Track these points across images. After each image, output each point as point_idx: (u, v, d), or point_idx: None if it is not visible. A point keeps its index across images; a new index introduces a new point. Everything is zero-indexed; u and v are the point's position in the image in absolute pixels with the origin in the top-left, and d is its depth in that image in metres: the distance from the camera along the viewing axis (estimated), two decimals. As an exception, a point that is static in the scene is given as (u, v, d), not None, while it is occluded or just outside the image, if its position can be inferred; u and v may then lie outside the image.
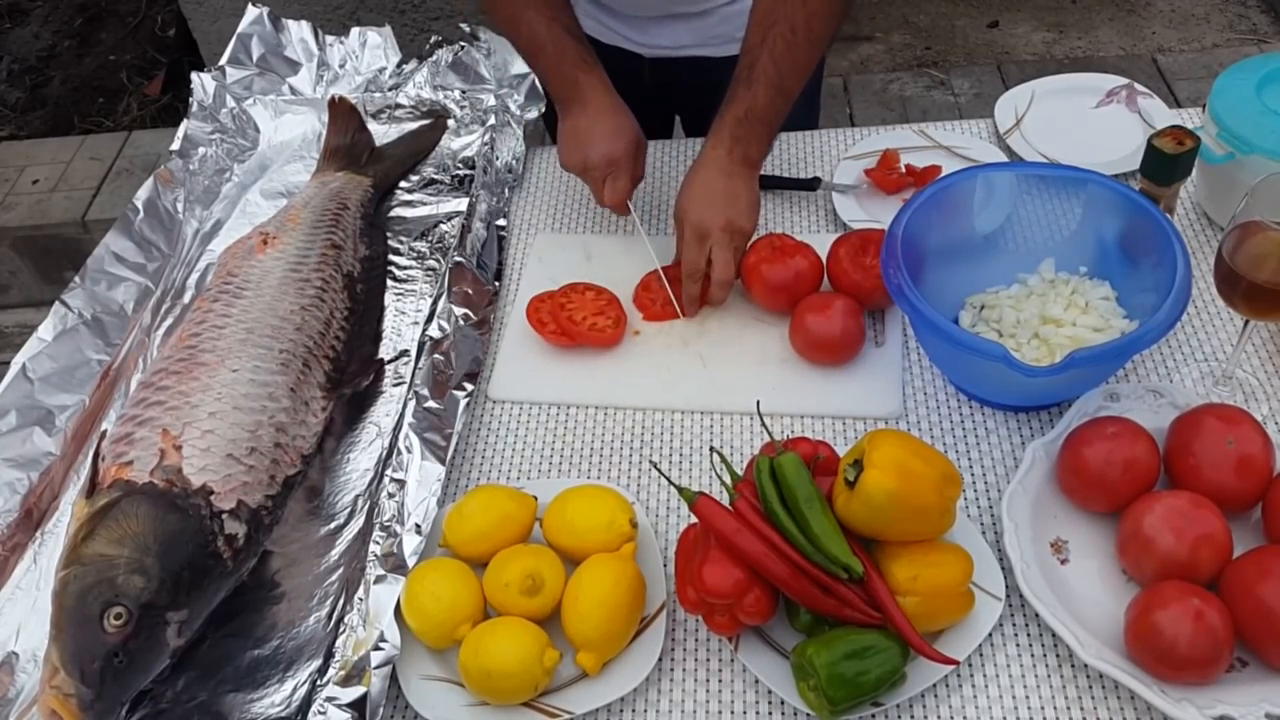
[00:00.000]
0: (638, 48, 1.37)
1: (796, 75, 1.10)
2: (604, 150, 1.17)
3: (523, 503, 0.96)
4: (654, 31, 1.34)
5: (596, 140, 1.17)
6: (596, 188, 1.20)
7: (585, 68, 1.18)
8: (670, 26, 1.33)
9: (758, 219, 1.14)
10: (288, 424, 1.02)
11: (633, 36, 1.36)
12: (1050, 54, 2.95)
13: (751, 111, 1.10)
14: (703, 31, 1.33)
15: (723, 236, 1.10)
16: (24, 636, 0.95)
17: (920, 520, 0.84)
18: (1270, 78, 1.12)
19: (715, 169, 1.12)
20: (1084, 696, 0.85)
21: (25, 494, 1.04)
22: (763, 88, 1.08)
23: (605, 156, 1.17)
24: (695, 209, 1.11)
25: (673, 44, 1.35)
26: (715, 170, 1.12)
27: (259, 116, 1.47)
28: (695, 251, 1.12)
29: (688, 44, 1.34)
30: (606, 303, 1.16)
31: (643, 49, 1.37)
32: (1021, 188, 1.08)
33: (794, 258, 1.12)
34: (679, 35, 1.33)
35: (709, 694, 0.88)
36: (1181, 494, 0.87)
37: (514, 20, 1.19)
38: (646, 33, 1.35)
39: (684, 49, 1.34)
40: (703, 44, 1.34)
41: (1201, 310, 1.12)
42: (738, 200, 1.11)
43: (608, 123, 1.18)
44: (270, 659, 0.92)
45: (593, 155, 1.17)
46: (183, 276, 1.29)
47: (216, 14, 2.74)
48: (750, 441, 1.05)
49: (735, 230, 1.11)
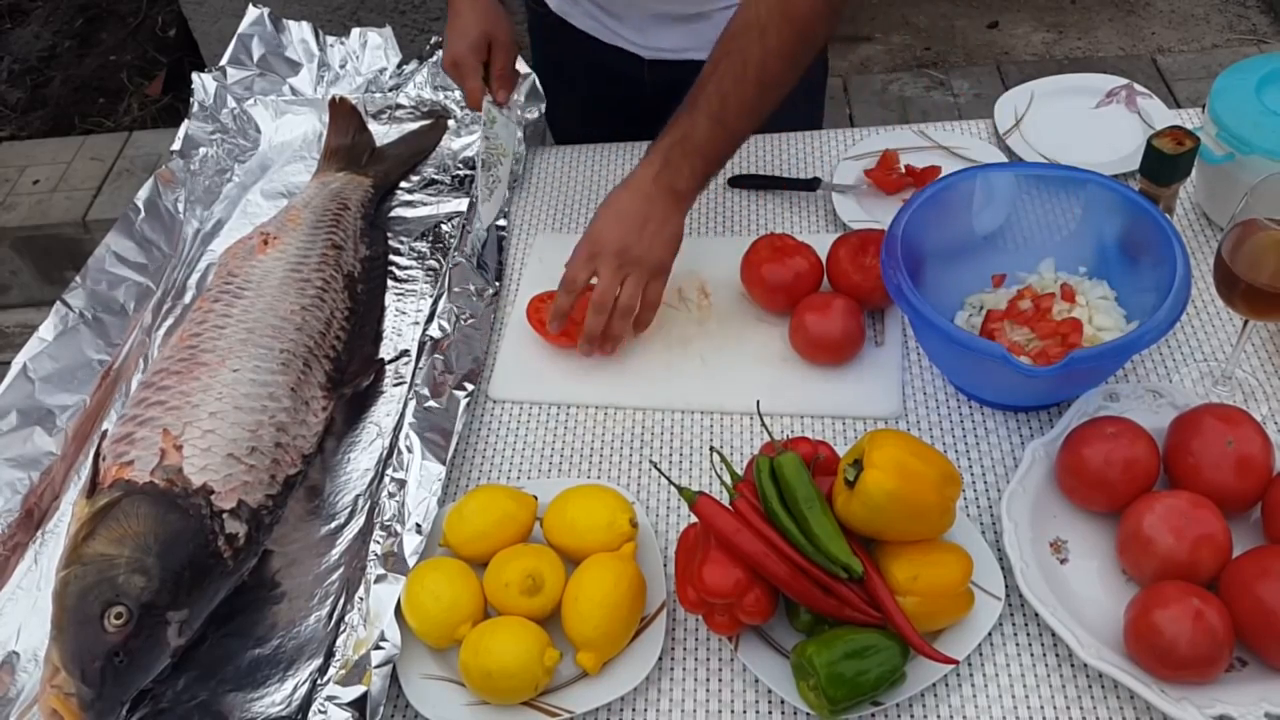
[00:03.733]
0: (638, 49, 1.37)
1: (742, 112, 1.04)
2: (452, 50, 1.18)
3: (523, 503, 0.96)
4: (652, 34, 1.35)
5: (450, 41, 1.18)
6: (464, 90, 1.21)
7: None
8: (668, 29, 1.33)
9: (669, 254, 1.06)
10: (288, 424, 1.02)
11: (632, 38, 1.36)
12: (1050, 54, 2.95)
13: (687, 139, 1.04)
14: (700, 36, 1.33)
15: (612, 260, 1.03)
16: (25, 636, 0.96)
17: (920, 520, 0.84)
18: (1270, 78, 1.12)
19: (634, 190, 1.05)
20: (1083, 696, 0.85)
21: (26, 494, 1.04)
22: (703, 117, 1.03)
23: (450, 59, 1.18)
24: (595, 224, 1.06)
25: (671, 47, 1.35)
26: (633, 191, 1.05)
27: (260, 117, 1.47)
28: (580, 270, 1.05)
29: (686, 48, 1.34)
30: None
31: (642, 50, 1.37)
32: (1021, 188, 1.08)
33: (794, 258, 1.12)
34: (677, 39, 1.34)
35: (709, 693, 0.88)
36: (1181, 494, 0.87)
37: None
38: (645, 35, 1.35)
39: (682, 53, 1.35)
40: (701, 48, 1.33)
41: (1201, 310, 1.12)
42: (645, 227, 1.04)
43: (458, 25, 1.19)
44: (271, 658, 0.92)
45: (445, 58, 1.19)
46: (183, 277, 1.29)
47: (217, 14, 2.75)
48: (750, 441, 1.05)
49: (630, 259, 1.03)
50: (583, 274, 1.06)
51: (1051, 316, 1.03)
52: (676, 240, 1.07)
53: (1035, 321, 1.03)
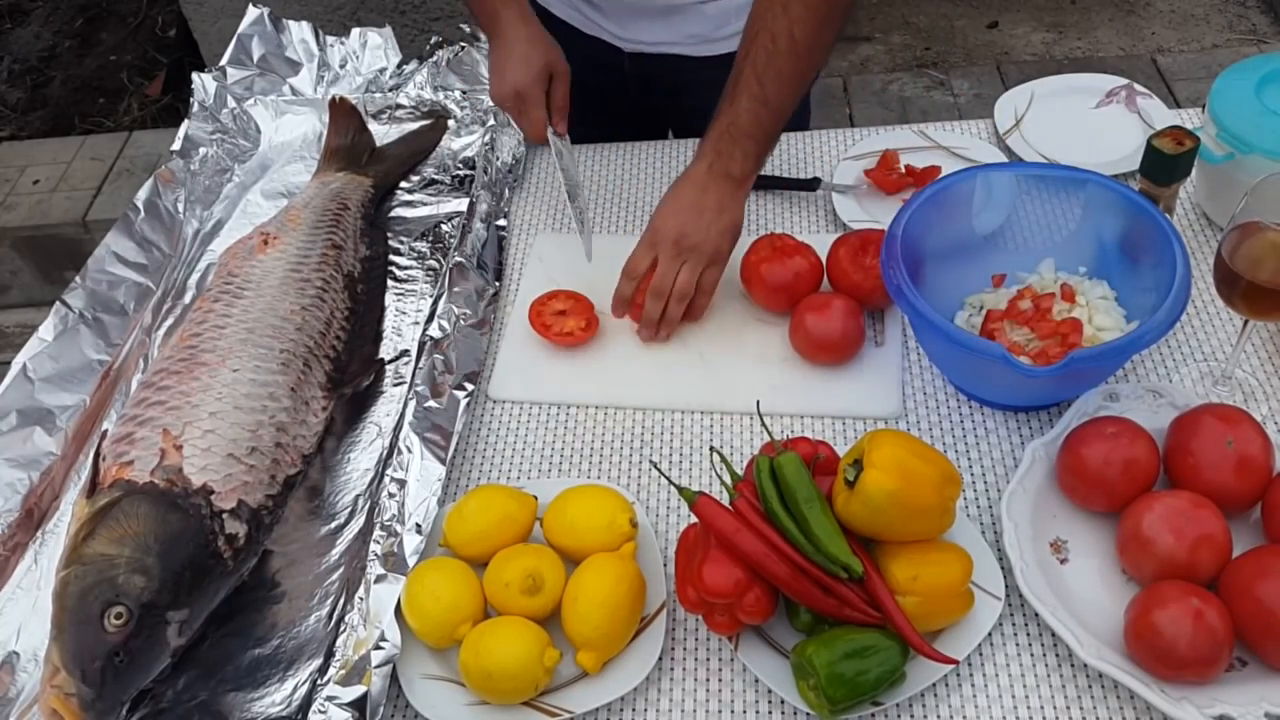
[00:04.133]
0: (618, 41, 1.37)
1: (781, 86, 1.06)
2: (510, 82, 1.16)
3: (523, 503, 0.96)
4: (631, 26, 1.35)
5: (506, 72, 1.17)
6: (517, 120, 1.20)
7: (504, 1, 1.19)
8: (647, 21, 1.33)
9: (726, 242, 1.10)
10: (288, 424, 1.02)
11: (612, 30, 1.36)
12: (1050, 54, 2.95)
13: (733, 126, 1.07)
14: (678, 29, 1.33)
15: (670, 248, 1.08)
16: (25, 636, 0.96)
17: (920, 520, 0.84)
18: (1270, 78, 1.13)
19: (690, 182, 1.09)
20: (1083, 696, 0.85)
21: (26, 494, 1.04)
22: (744, 101, 1.06)
23: (512, 88, 1.17)
24: (657, 215, 1.10)
25: (650, 39, 1.35)
26: (689, 184, 1.09)
27: (260, 117, 1.47)
28: (641, 258, 1.09)
29: (664, 40, 1.34)
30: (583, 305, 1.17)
31: (622, 43, 1.37)
32: (1021, 188, 1.08)
33: (794, 258, 1.12)
34: (656, 31, 1.34)
35: (709, 693, 0.88)
36: (1181, 494, 0.87)
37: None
38: (624, 27, 1.35)
39: (661, 46, 1.35)
40: (679, 42, 1.34)
41: (1201, 310, 1.12)
42: (702, 216, 1.08)
43: (517, 53, 1.17)
44: (271, 658, 0.92)
45: (501, 87, 1.17)
46: (183, 277, 1.29)
47: (217, 14, 2.75)
48: (750, 441, 1.05)
49: (688, 246, 1.08)
50: (643, 262, 1.09)
51: (1051, 316, 1.03)
52: (734, 229, 1.10)
53: (1035, 321, 1.03)
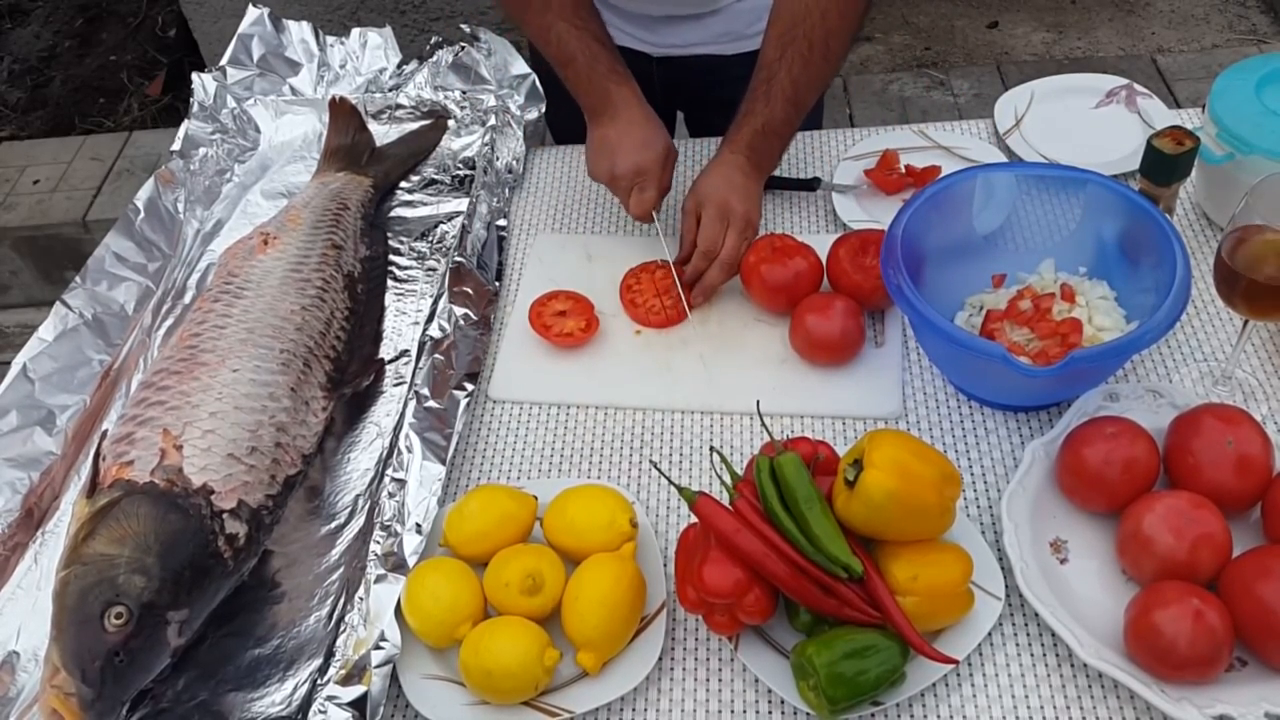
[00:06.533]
0: (646, 47, 1.37)
1: (812, 90, 1.13)
2: (633, 161, 1.16)
3: (523, 502, 0.96)
4: (662, 31, 1.35)
5: (626, 151, 1.16)
6: (624, 198, 1.19)
7: (616, 78, 1.18)
8: (679, 26, 1.33)
9: (758, 215, 1.16)
10: (288, 424, 1.02)
11: (641, 36, 1.36)
12: (1050, 54, 2.95)
13: (769, 125, 1.13)
14: (711, 29, 1.33)
15: (741, 222, 1.13)
16: (25, 636, 0.96)
17: (920, 520, 0.84)
18: (1270, 78, 1.12)
19: (735, 168, 1.15)
20: (1083, 696, 0.85)
21: (26, 494, 1.04)
22: (780, 103, 1.11)
23: (634, 167, 1.16)
24: (719, 193, 1.14)
25: (681, 43, 1.35)
26: (735, 169, 1.15)
27: (260, 117, 1.47)
28: (718, 228, 1.14)
29: (696, 42, 1.34)
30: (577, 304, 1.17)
31: (651, 48, 1.37)
32: (1021, 188, 1.08)
33: (794, 258, 1.12)
34: (687, 34, 1.34)
35: (709, 693, 0.88)
36: (1181, 494, 0.87)
37: (544, 30, 1.18)
38: (655, 32, 1.35)
39: (692, 47, 1.35)
40: (711, 42, 1.34)
41: (1201, 310, 1.12)
42: (753, 198, 1.15)
43: (638, 134, 1.17)
44: (271, 658, 0.92)
45: (621, 166, 1.17)
46: (183, 277, 1.29)
47: (217, 14, 2.75)
48: (750, 441, 1.05)
49: (749, 222, 1.14)
50: (721, 235, 1.13)
51: (1051, 316, 1.03)
52: (759, 216, 1.17)
53: (1035, 322, 1.03)
